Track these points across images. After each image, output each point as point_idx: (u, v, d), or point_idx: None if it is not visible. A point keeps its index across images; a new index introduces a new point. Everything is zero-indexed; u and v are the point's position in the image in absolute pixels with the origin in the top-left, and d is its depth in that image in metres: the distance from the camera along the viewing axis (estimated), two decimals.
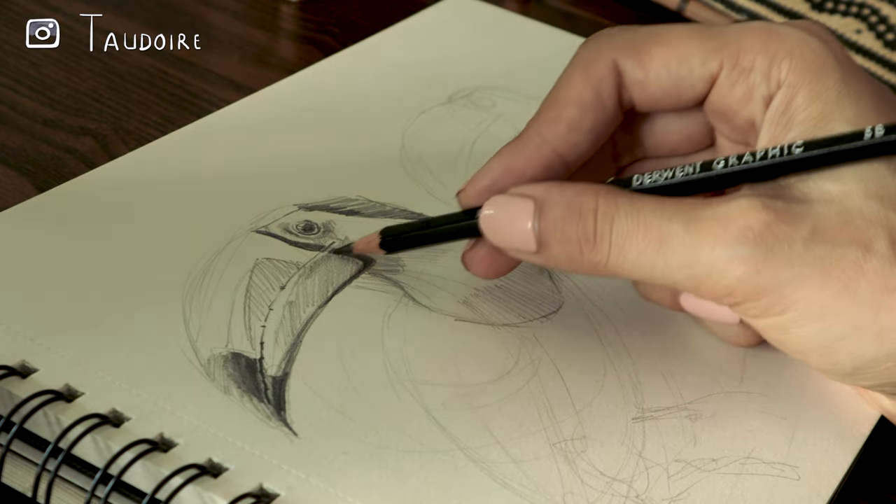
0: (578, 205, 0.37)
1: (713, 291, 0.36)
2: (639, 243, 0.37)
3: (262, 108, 0.53)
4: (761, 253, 0.35)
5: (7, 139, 0.51)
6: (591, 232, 0.37)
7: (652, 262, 0.36)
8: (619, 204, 0.37)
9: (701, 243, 0.36)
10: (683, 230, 0.36)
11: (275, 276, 0.43)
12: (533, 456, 0.37)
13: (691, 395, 0.40)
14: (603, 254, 0.37)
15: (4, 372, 0.37)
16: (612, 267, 0.37)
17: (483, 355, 0.41)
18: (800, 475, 0.38)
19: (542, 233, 0.38)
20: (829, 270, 0.35)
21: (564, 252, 0.38)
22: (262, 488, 0.35)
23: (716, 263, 0.35)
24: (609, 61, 0.40)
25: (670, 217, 0.36)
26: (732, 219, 0.36)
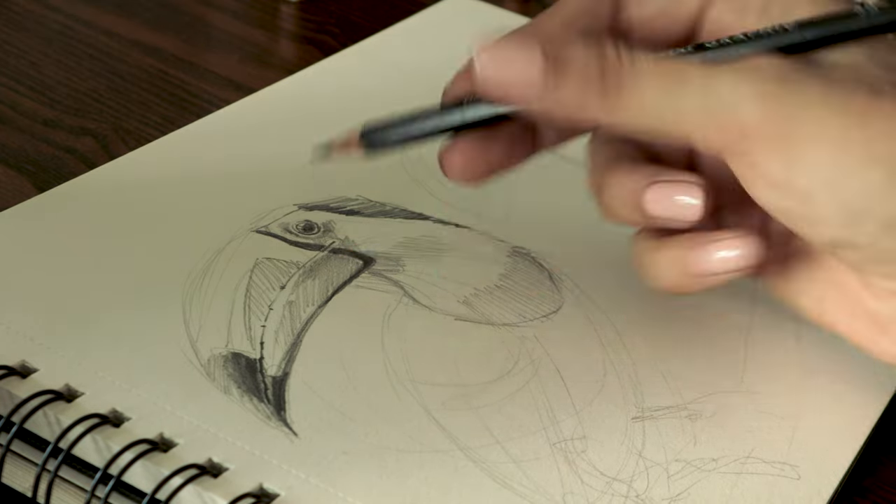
0: (598, 44, 0.36)
1: (726, 125, 0.36)
2: (656, 81, 0.36)
3: (262, 108, 0.53)
4: (779, 88, 0.35)
5: (7, 139, 0.51)
6: (613, 67, 0.36)
7: (667, 97, 0.36)
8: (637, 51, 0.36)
9: (720, 78, 0.36)
10: (702, 70, 0.36)
11: (275, 276, 0.43)
12: (533, 456, 0.37)
13: (691, 395, 0.40)
14: (620, 89, 0.36)
15: (4, 372, 0.37)
16: (625, 101, 0.36)
17: (483, 355, 0.41)
18: (800, 475, 0.38)
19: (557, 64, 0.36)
20: (846, 104, 0.36)
21: (580, 83, 0.36)
22: (262, 488, 0.35)
23: (734, 94, 0.35)
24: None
25: (689, 63, 0.36)
26: (751, 62, 0.36)
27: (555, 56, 0.36)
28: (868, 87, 0.36)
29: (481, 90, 0.37)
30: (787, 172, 0.36)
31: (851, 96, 0.36)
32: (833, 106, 0.36)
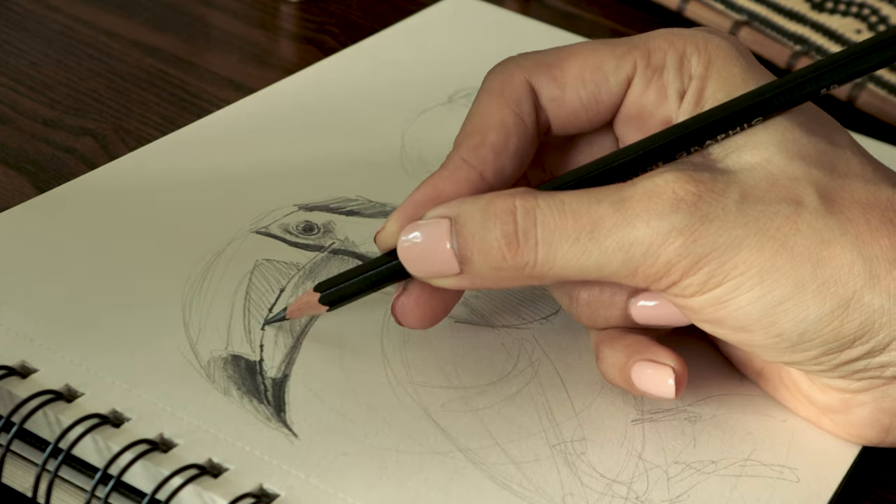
0: (494, 208, 0.36)
1: (651, 272, 0.35)
2: (568, 234, 0.35)
3: (262, 108, 0.53)
4: (697, 220, 0.35)
5: (7, 139, 0.51)
6: (511, 233, 0.36)
7: (585, 252, 0.35)
8: (539, 199, 0.36)
9: (635, 220, 0.35)
10: (614, 211, 0.35)
11: (275, 278, 0.43)
12: (533, 457, 0.37)
13: (691, 397, 0.40)
14: (529, 254, 0.36)
15: (4, 372, 0.37)
16: (541, 267, 0.36)
17: (482, 357, 0.41)
18: (799, 477, 0.38)
19: (461, 248, 0.36)
20: (765, 230, 0.35)
21: (487, 263, 0.36)
22: (262, 488, 0.35)
23: (653, 238, 0.35)
24: (523, 82, 0.39)
25: (598, 201, 0.36)
26: (662, 191, 0.35)
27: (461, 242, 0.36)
28: (786, 199, 0.36)
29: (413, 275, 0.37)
30: (717, 313, 0.36)
31: (770, 218, 0.35)
32: (754, 233, 0.35)
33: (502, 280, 0.36)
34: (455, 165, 0.38)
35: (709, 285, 0.35)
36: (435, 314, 0.39)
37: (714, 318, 0.36)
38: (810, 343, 0.36)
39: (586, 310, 0.39)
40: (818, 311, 0.35)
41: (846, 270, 0.35)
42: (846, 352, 0.36)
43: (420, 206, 0.38)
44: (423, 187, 0.38)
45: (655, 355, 0.38)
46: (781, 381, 0.40)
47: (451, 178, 0.38)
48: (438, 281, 0.37)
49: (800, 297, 0.35)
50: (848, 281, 0.35)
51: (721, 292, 0.35)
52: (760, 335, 0.36)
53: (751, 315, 0.35)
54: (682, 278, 0.35)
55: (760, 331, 0.36)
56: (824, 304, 0.35)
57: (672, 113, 0.39)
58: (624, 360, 0.38)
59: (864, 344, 0.36)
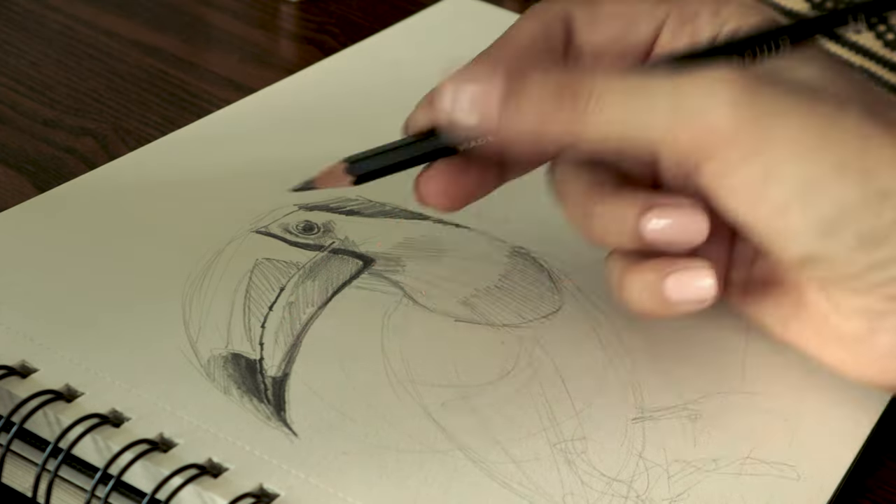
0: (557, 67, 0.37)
1: (696, 133, 0.35)
2: (621, 91, 0.35)
3: (262, 108, 0.53)
4: (748, 92, 0.35)
5: (7, 139, 0.51)
6: (572, 81, 0.35)
7: (633, 108, 0.35)
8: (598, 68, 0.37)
9: (686, 86, 0.35)
10: (668, 79, 0.35)
11: (275, 277, 0.43)
12: (533, 456, 0.37)
13: (691, 396, 0.40)
14: (581, 103, 0.35)
15: (4, 372, 0.37)
16: (588, 119, 0.35)
17: (483, 356, 0.41)
18: (800, 475, 0.38)
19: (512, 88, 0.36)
20: (814, 108, 0.35)
21: (540, 105, 0.36)
22: (262, 488, 0.35)
23: (703, 101, 0.35)
24: (561, 10, 0.41)
25: (651, 72, 0.36)
26: (714, 73, 0.35)
27: (512, 80, 0.36)
28: (834, 98, 0.36)
29: (446, 126, 0.37)
30: (760, 183, 0.35)
31: (821, 107, 0.36)
32: (801, 109, 0.35)
33: (543, 132, 0.36)
34: (479, 59, 0.40)
35: (753, 153, 0.35)
36: (456, 194, 0.39)
37: (751, 198, 0.35)
38: (846, 230, 0.35)
39: (599, 223, 0.38)
40: (858, 194, 0.35)
41: (887, 165, 0.35)
42: (879, 250, 0.35)
43: None
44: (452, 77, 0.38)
45: (687, 263, 0.37)
46: (808, 315, 0.39)
47: (474, 65, 0.40)
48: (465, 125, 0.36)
49: (842, 176, 0.35)
50: (890, 174, 0.35)
51: (766, 161, 0.35)
52: (797, 215, 0.35)
53: (794, 189, 0.35)
54: (728, 143, 0.35)
55: (798, 210, 0.35)
56: (866, 188, 0.35)
57: None
58: (653, 277, 0.37)
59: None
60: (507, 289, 0.44)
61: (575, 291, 0.44)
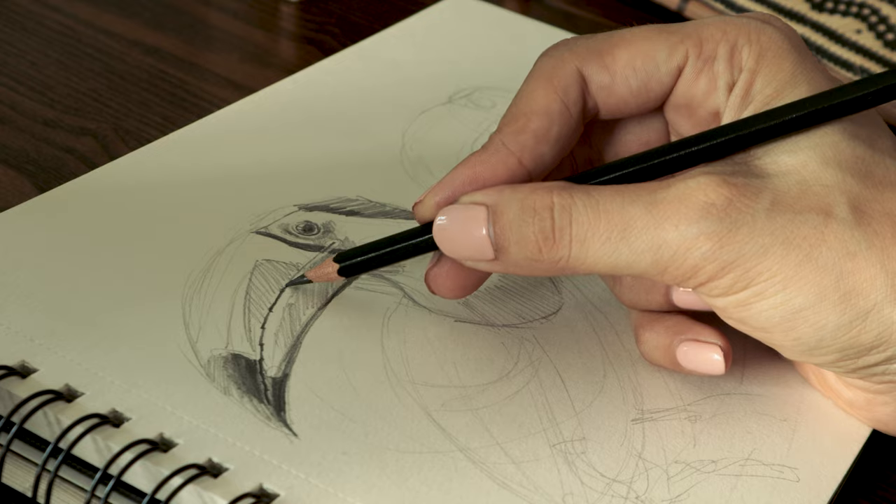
0: (532, 203, 0.37)
1: (679, 273, 0.36)
2: (601, 233, 0.36)
3: (262, 108, 0.53)
4: (725, 227, 0.35)
5: (7, 139, 0.51)
6: (548, 229, 0.36)
7: (616, 251, 0.36)
8: (575, 197, 0.36)
9: (665, 224, 0.36)
10: (646, 213, 0.36)
11: (274, 278, 0.43)
12: (533, 457, 0.37)
13: (691, 397, 0.40)
14: (564, 250, 0.36)
15: (4, 372, 0.37)
16: (573, 262, 0.37)
17: (483, 356, 0.41)
18: (799, 477, 0.38)
19: (497, 237, 0.37)
20: (791, 239, 0.36)
21: (523, 254, 0.37)
22: (262, 488, 0.35)
23: (682, 242, 0.35)
24: (573, 69, 0.39)
25: (631, 202, 0.36)
26: (693, 196, 0.36)
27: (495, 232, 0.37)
28: (816, 208, 0.36)
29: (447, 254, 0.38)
30: (740, 314, 0.37)
31: (798, 227, 0.36)
32: (780, 242, 0.36)
33: (535, 270, 0.37)
34: (494, 149, 0.39)
35: (734, 289, 0.36)
36: (467, 286, 0.41)
37: (737, 318, 0.37)
38: (827, 349, 0.37)
39: (629, 292, 0.40)
40: (837, 320, 0.36)
41: (868, 283, 0.36)
42: (863, 358, 0.37)
43: (458, 187, 0.39)
44: (462, 168, 0.39)
45: (699, 334, 0.39)
46: (813, 372, 0.41)
47: (489, 161, 0.39)
48: (472, 263, 0.38)
49: (820, 307, 0.36)
50: (869, 293, 0.36)
51: (745, 296, 0.36)
52: (779, 337, 0.37)
53: (771, 319, 0.36)
54: (709, 281, 0.36)
55: (780, 334, 0.37)
56: (843, 315, 0.36)
57: (720, 105, 0.39)
58: (667, 341, 0.40)
59: (881, 352, 0.37)
60: (506, 289, 0.44)
61: (575, 291, 0.44)
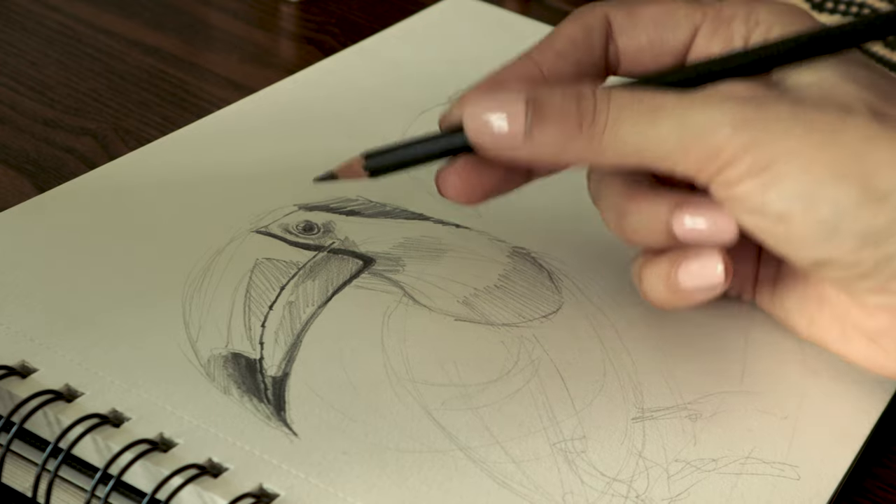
0: (573, 89, 0.38)
1: (702, 154, 0.37)
2: (634, 112, 0.37)
3: (262, 108, 0.53)
4: (750, 110, 0.37)
5: (7, 139, 0.51)
6: (589, 107, 0.38)
7: (645, 132, 0.37)
8: (612, 87, 0.39)
9: (692, 108, 0.37)
10: (676, 100, 0.37)
11: (275, 277, 0.43)
12: (533, 456, 0.37)
13: (691, 395, 0.40)
14: (600, 125, 0.38)
15: (4, 372, 0.37)
16: (606, 142, 0.38)
17: (483, 355, 0.41)
18: (800, 475, 0.38)
19: (537, 111, 0.38)
20: (813, 123, 0.37)
21: (561, 130, 0.38)
22: (262, 488, 0.35)
23: (707, 122, 0.37)
24: (601, 13, 0.42)
25: (663, 94, 0.38)
26: (722, 91, 0.38)
27: (534, 104, 0.38)
28: (837, 105, 0.37)
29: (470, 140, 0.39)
30: (762, 196, 0.37)
31: (820, 114, 0.37)
32: (802, 125, 0.37)
33: (565, 150, 0.38)
34: (519, 61, 0.41)
35: (754, 168, 0.37)
36: (475, 191, 0.41)
37: (756, 206, 0.37)
38: (847, 232, 0.37)
39: (633, 220, 0.40)
40: (856, 197, 0.36)
41: (887, 166, 0.36)
42: (881, 248, 0.37)
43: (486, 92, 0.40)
44: (489, 77, 0.41)
45: (699, 251, 0.39)
46: (831, 311, 0.41)
47: (512, 68, 0.41)
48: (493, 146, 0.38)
49: (839, 183, 0.36)
50: (887, 175, 0.36)
51: (766, 177, 0.37)
52: (799, 221, 0.37)
53: (793, 197, 0.37)
54: (731, 162, 0.37)
55: (799, 216, 0.37)
56: (863, 193, 0.36)
57: None
58: (668, 267, 0.40)
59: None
60: (507, 288, 0.44)
61: (575, 291, 0.44)
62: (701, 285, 0.39)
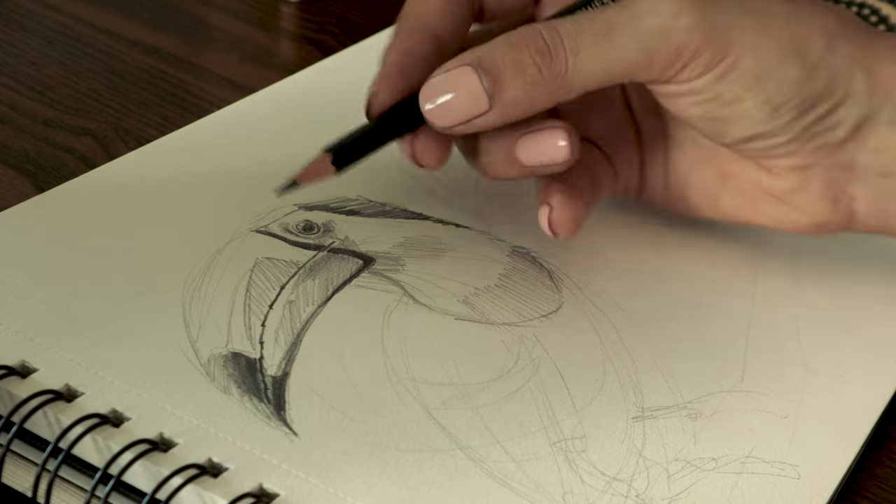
0: (518, 36, 0.39)
1: (665, 57, 0.39)
2: (589, 37, 0.39)
3: (262, 108, 0.53)
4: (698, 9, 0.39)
5: (7, 139, 0.51)
6: (543, 47, 0.39)
7: (606, 51, 0.39)
8: (554, 21, 0.39)
9: (642, 16, 0.39)
10: (621, 13, 0.39)
11: (275, 276, 0.43)
12: (533, 455, 0.37)
13: (691, 395, 0.40)
14: (561, 62, 0.39)
15: (4, 372, 0.37)
16: (572, 73, 0.39)
17: (483, 354, 0.41)
18: (800, 474, 0.38)
19: (493, 75, 0.38)
20: (747, 11, 0.40)
21: (523, 80, 0.39)
22: (262, 488, 0.35)
23: (664, 23, 0.39)
24: None
25: (601, 11, 0.39)
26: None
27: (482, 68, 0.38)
28: None
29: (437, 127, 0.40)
30: (717, 86, 0.40)
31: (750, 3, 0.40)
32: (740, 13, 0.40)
33: (534, 98, 0.39)
34: (411, 27, 0.42)
35: (713, 62, 0.39)
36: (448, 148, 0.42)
37: (713, 95, 0.40)
38: (789, 104, 0.40)
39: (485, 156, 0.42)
40: (797, 73, 0.40)
41: (812, 39, 0.40)
42: (811, 112, 0.41)
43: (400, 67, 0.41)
44: (393, 52, 0.42)
45: (540, 124, 0.41)
46: (737, 184, 0.44)
47: (412, 36, 0.42)
48: (463, 128, 0.39)
49: (782, 63, 0.40)
50: (815, 45, 0.40)
51: (724, 66, 0.39)
52: (750, 102, 0.40)
53: (746, 82, 0.40)
54: (693, 58, 0.39)
55: (751, 97, 0.40)
56: (800, 68, 0.40)
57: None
58: (506, 141, 0.41)
59: (826, 102, 0.40)
60: (507, 288, 0.44)
61: (575, 290, 0.44)
62: (544, 160, 0.41)
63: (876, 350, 0.43)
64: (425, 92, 0.39)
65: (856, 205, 0.43)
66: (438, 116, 0.39)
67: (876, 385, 0.42)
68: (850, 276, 0.47)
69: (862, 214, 0.43)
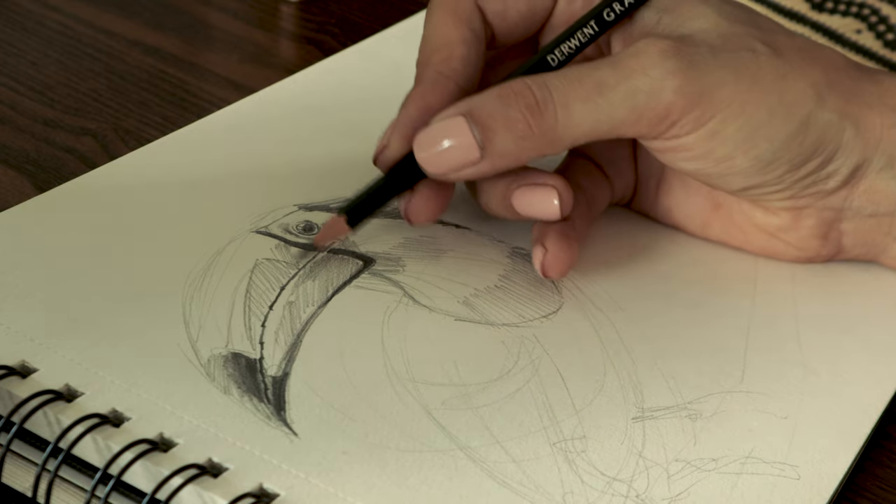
0: (509, 89, 0.40)
1: (654, 115, 0.40)
2: (579, 94, 0.39)
3: (262, 108, 0.53)
4: (685, 64, 0.40)
5: (7, 139, 0.51)
6: (532, 103, 0.39)
7: (597, 108, 0.39)
8: (544, 76, 0.40)
9: (633, 75, 0.40)
10: (613, 71, 0.40)
11: (275, 277, 0.43)
12: (533, 455, 0.37)
13: (691, 395, 0.40)
14: (551, 118, 0.39)
15: (4, 372, 0.37)
16: (562, 128, 0.39)
17: (483, 355, 0.41)
18: (800, 475, 0.38)
19: (484, 130, 0.39)
20: (737, 69, 0.41)
21: (513, 135, 0.39)
22: (262, 488, 0.35)
23: (653, 84, 0.40)
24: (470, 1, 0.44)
25: (595, 68, 0.40)
26: (648, 48, 0.40)
27: (473, 117, 0.39)
28: (741, 47, 0.41)
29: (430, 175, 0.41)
30: (707, 144, 0.41)
31: (739, 61, 0.41)
32: (731, 72, 0.41)
33: (524, 151, 0.40)
34: (433, 79, 0.42)
35: (702, 120, 0.40)
36: (441, 207, 0.43)
37: (703, 152, 0.41)
38: (780, 160, 0.42)
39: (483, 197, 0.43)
40: (786, 131, 0.41)
41: (801, 95, 0.42)
42: (804, 167, 0.42)
43: (416, 121, 0.41)
44: (411, 103, 0.42)
45: (536, 178, 0.42)
46: (728, 216, 0.46)
47: (433, 90, 0.42)
48: (455, 175, 0.40)
49: (772, 122, 0.41)
50: (804, 103, 0.42)
51: (713, 125, 0.41)
52: (741, 159, 0.41)
53: (736, 141, 0.41)
54: (681, 117, 0.40)
55: (742, 155, 0.41)
56: (790, 125, 0.41)
57: None
58: (504, 188, 0.42)
59: (818, 157, 0.42)
60: (507, 288, 0.44)
61: (575, 291, 0.44)
62: (537, 214, 0.42)
63: (876, 350, 0.43)
64: (419, 140, 0.40)
65: (844, 239, 0.45)
66: (431, 164, 0.40)
67: (876, 385, 0.42)
68: (850, 277, 0.47)
69: (848, 246, 0.46)
